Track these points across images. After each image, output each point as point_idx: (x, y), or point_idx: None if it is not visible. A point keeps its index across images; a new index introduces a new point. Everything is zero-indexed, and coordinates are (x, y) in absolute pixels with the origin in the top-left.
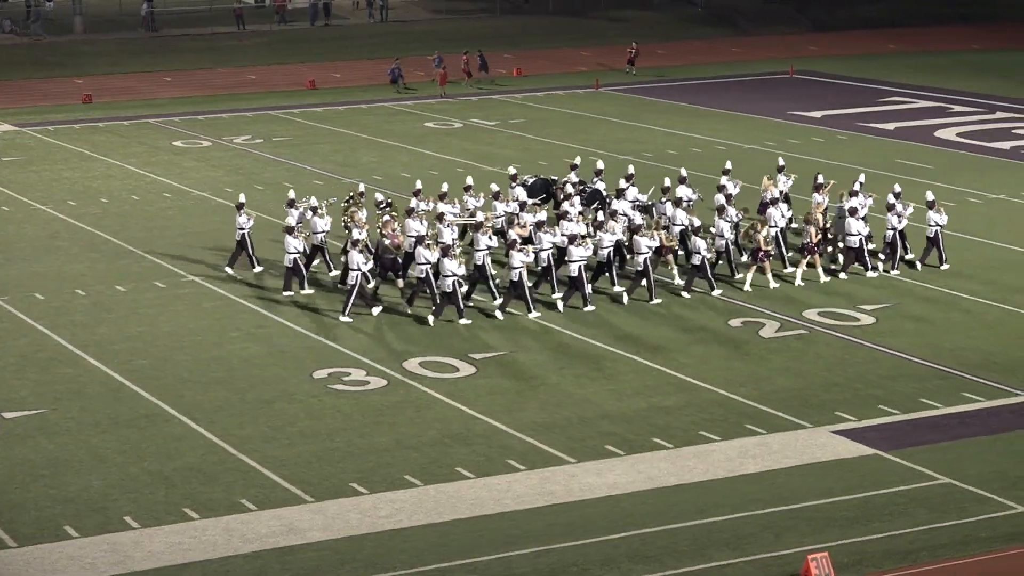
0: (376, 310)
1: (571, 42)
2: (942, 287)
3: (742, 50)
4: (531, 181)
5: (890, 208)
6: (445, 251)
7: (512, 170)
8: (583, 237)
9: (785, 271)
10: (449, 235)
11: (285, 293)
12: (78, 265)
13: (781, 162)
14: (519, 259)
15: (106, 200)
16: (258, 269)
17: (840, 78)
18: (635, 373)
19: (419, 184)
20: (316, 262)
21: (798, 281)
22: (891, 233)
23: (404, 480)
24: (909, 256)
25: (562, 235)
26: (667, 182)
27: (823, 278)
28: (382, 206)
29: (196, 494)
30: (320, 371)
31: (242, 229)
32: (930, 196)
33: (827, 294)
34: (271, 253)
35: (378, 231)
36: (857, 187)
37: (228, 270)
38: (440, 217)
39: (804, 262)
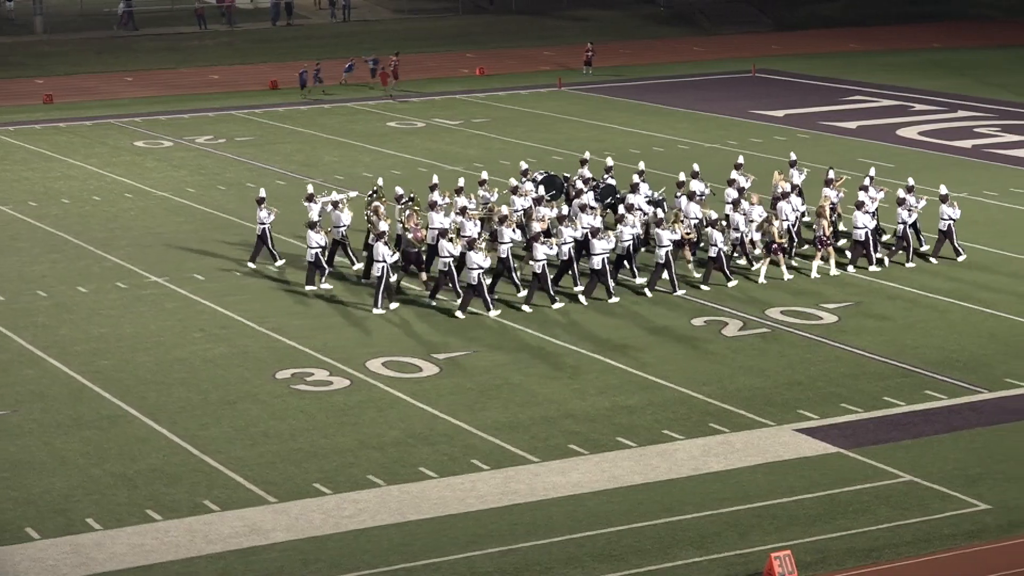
0: (393, 306)
1: (534, 41)
2: (905, 285)
3: (704, 49)
4: (541, 177)
5: (900, 202)
6: (471, 244)
7: (524, 165)
8: (605, 229)
9: (791, 264)
10: (472, 228)
11: (308, 288)
12: (39, 266)
13: (793, 156)
14: (542, 251)
15: (67, 201)
16: (280, 263)
17: (802, 77)
18: (598, 372)
19: (435, 179)
20: (338, 257)
21: (814, 274)
22: (901, 227)
23: (367, 480)
24: (924, 248)
25: (583, 228)
26: (682, 176)
27: (833, 271)
28: (404, 200)
29: (159, 495)
30: (283, 371)
31: (263, 223)
32: (943, 190)
33: (790, 293)
34: (234, 252)
35: (401, 225)
36: (868, 181)
37: (251, 264)
38: (463, 211)
39: (819, 255)
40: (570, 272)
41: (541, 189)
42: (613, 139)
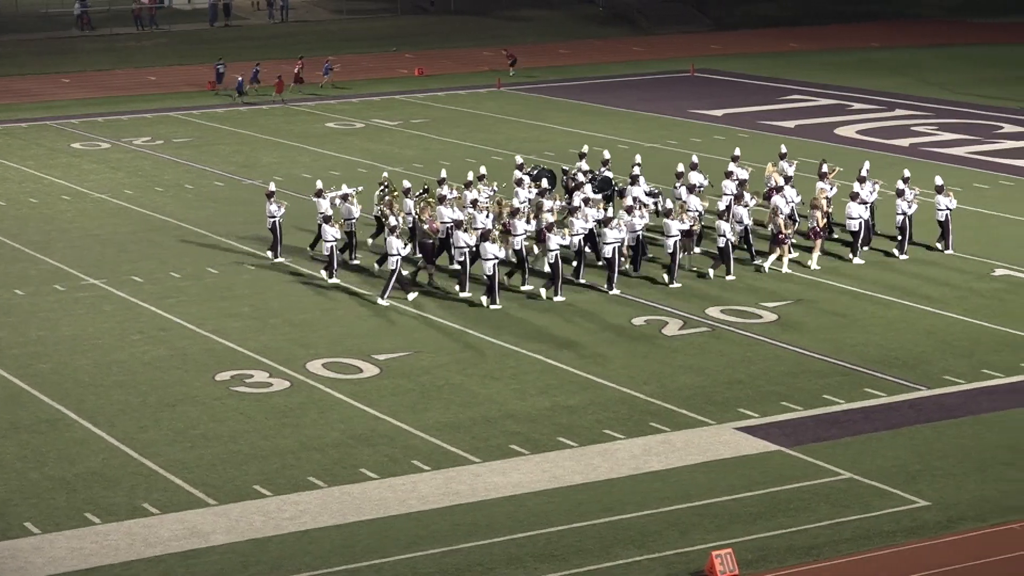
0: (412, 295)
1: (473, 42)
2: (844, 284)
3: (643, 49)
4: (536, 171)
5: (899, 194)
6: (485, 235)
7: (519, 159)
8: (615, 219)
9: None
10: (486, 220)
11: (331, 280)
12: None
13: (783, 149)
14: (555, 242)
15: (3, 203)
16: (279, 259)
17: (741, 76)
18: (539, 372)
19: (444, 172)
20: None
21: (814, 265)
22: (901, 218)
23: (308, 482)
24: (916, 241)
25: (594, 220)
26: (680, 167)
27: (814, 264)
28: (419, 193)
29: (98, 499)
30: (223, 373)
31: (272, 217)
32: (939, 180)
33: (730, 291)
34: (173, 254)
35: (415, 217)
36: (864, 173)
37: (277, 260)
38: (474, 203)
39: (818, 246)
40: (580, 262)
41: (545, 183)
42: (553, 139)
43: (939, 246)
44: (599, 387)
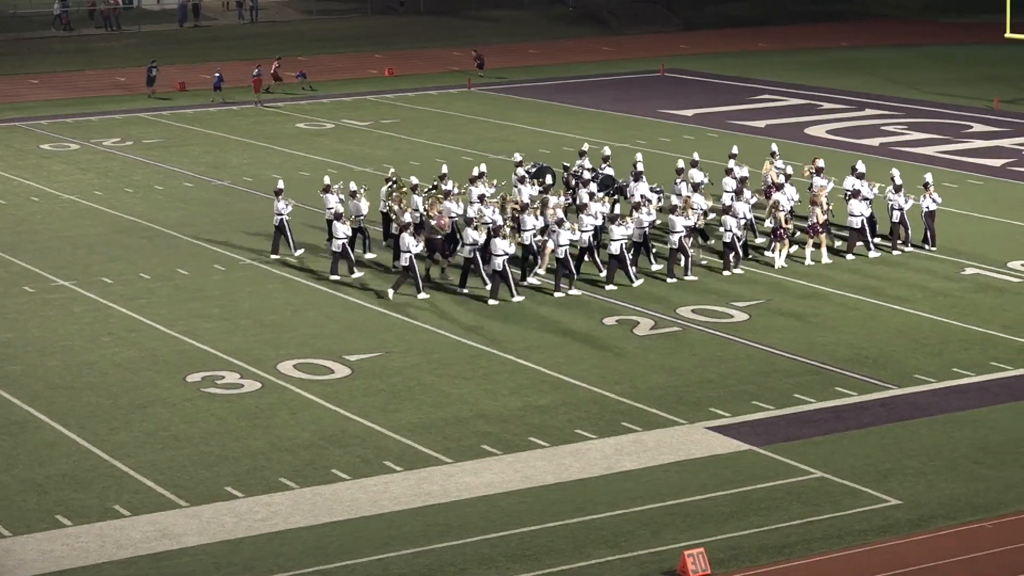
0: (423, 295)
1: (443, 42)
2: (814, 283)
3: (613, 49)
4: (534, 169)
5: (898, 189)
6: (496, 231)
7: (518, 157)
8: (622, 216)
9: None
10: (494, 215)
11: (332, 277)
12: None
13: (774, 147)
14: (565, 236)
15: None
16: (299, 252)
17: (711, 76)
18: (510, 372)
19: (445, 168)
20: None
21: (808, 261)
22: (898, 214)
23: (280, 483)
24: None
25: (601, 215)
26: (680, 163)
27: (825, 259)
28: (428, 189)
29: (69, 501)
30: (193, 374)
31: (280, 215)
32: (928, 178)
33: (700, 292)
34: (142, 255)
35: (424, 213)
36: (863, 170)
37: (272, 256)
38: (481, 199)
39: (811, 242)
40: (588, 258)
41: (549, 179)
42: (523, 139)
43: (925, 245)
44: (571, 387)
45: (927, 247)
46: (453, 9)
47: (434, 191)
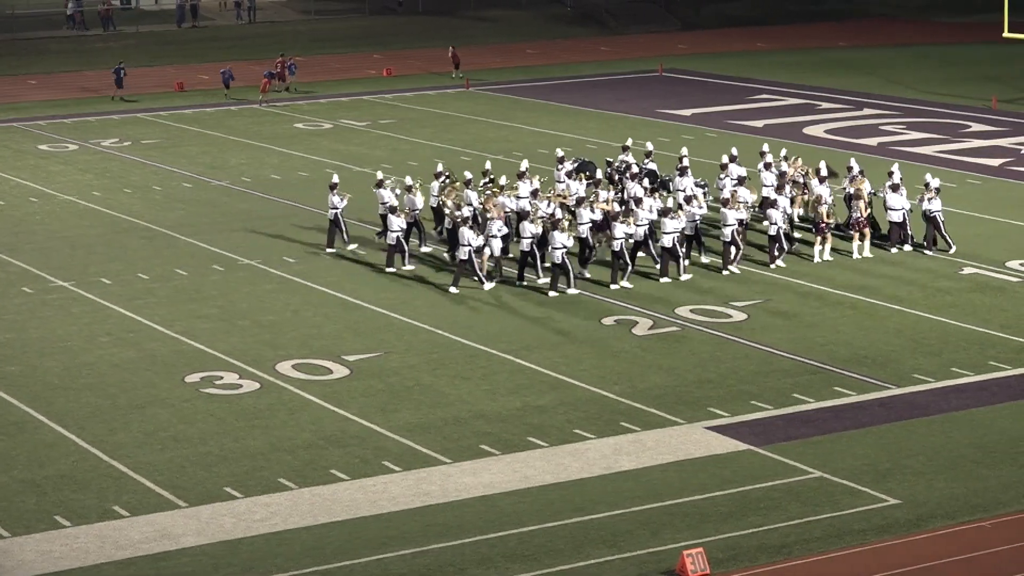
0: (488, 285)
1: (441, 42)
2: (812, 282)
3: (611, 49)
4: (575, 164)
5: (895, 189)
6: (555, 224)
7: (560, 152)
8: (675, 210)
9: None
10: (549, 209)
11: (388, 269)
12: None
13: (766, 147)
14: (621, 230)
15: None
16: (352, 246)
17: (709, 76)
18: (509, 372)
19: (488, 164)
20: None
21: (856, 255)
22: (898, 214)
23: (279, 483)
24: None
25: (654, 209)
26: (724, 159)
27: (867, 252)
28: (483, 183)
29: (68, 501)
30: (192, 375)
31: (335, 208)
32: (934, 181)
33: (699, 292)
34: (140, 256)
35: (480, 207)
36: (896, 168)
37: (328, 250)
38: (534, 194)
39: (857, 236)
40: (647, 251)
41: (599, 174)
42: (522, 139)
43: (934, 246)
44: (569, 387)
45: (926, 250)
46: (451, 9)
47: (490, 185)
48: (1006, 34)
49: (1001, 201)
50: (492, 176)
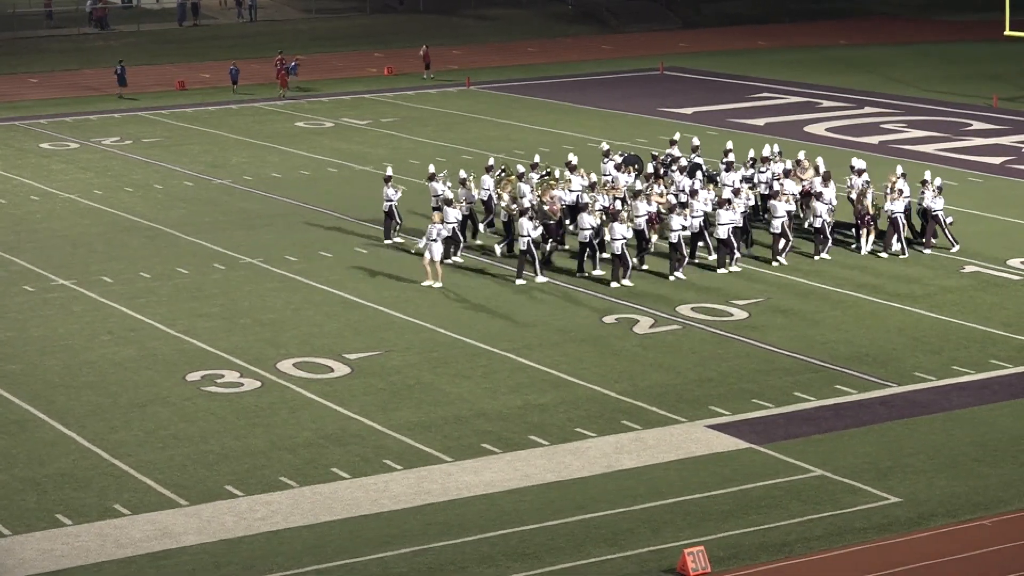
0: (542, 279)
1: (442, 41)
2: (813, 281)
3: (612, 47)
4: (622, 158)
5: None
6: (614, 216)
7: (605, 146)
8: (729, 202)
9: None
10: (606, 201)
11: (445, 261)
12: None
13: (766, 150)
14: (678, 222)
15: None
16: (389, 242)
17: (710, 74)
18: (510, 371)
19: (537, 157)
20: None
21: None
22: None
23: (280, 482)
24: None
25: (709, 201)
26: (766, 151)
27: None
28: (541, 175)
29: (68, 500)
30: (193, 373)
31: (390, 200)
32: (933, 178)
33: (700, 290)
34: (142, 255)
35: (537, 198)
36: (900, 170)
37: (387, 242)
38: (592, 186)
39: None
40: (703, 243)
41: (649, 167)
42: (523, 137)
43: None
44: (570, 385)
45: (925, 248)
46: (452, 8)
47: (547, 177)
48: (1007, 32)
49: (1002, 199)
50: (549, 169)
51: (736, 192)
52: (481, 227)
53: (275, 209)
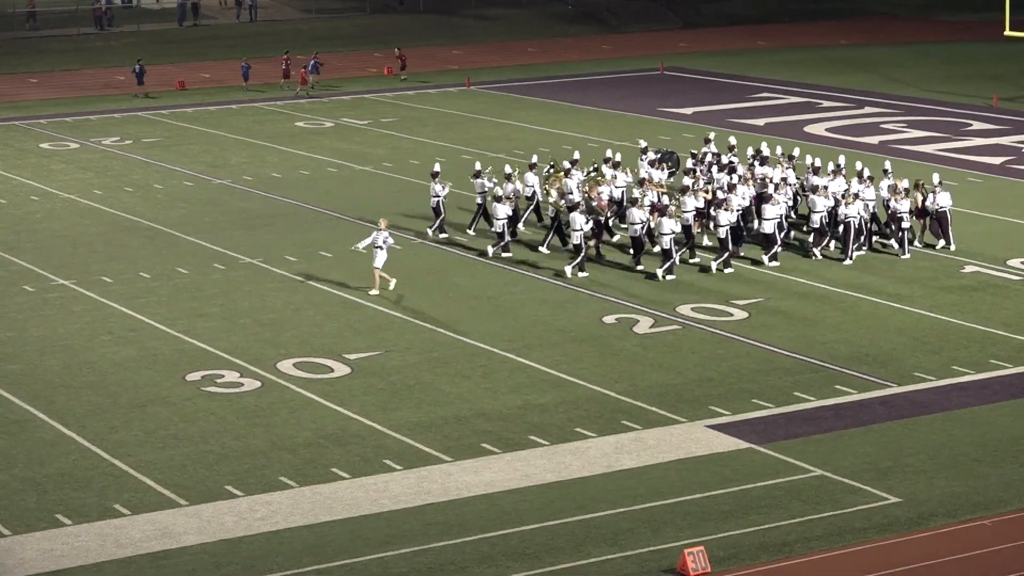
0: (582, 274)
1: (442, 40)
2: (813, 281)
3: (612, 47)
4: (658, 155)
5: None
6: (663, 211)
7: (642, 143)
8: (774, 196)
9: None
10: (655, 196)
11: (505, 255)
12: None
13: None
14: (725, 218)
15: None
16: (443, 235)
17: (710, 74)
18: (510, 371)
19: (577, 155)
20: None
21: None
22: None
23: (280, 482)
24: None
25: (747, 196)
26: (796, 151)
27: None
28: (588, 171)
29: (68, 500)
30: (193, 374)
31: (437, 196)
32: (937, 181)
33: (700, 290)
34: (142, 254)
35: (585, 194)
36: (889, 167)
37: (431, 236)
38: (642, 182)
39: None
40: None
41: (689, 162)
42: (524, 137)
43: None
44: (570, 385)
45: (916, 243)
46: (452, 7)
47: (595, 174)
48: (1007, 32)
49: (1002, 199)
50: (596, 165)
51: (777, 187)
52: (521, 225)
53: (275, 209)
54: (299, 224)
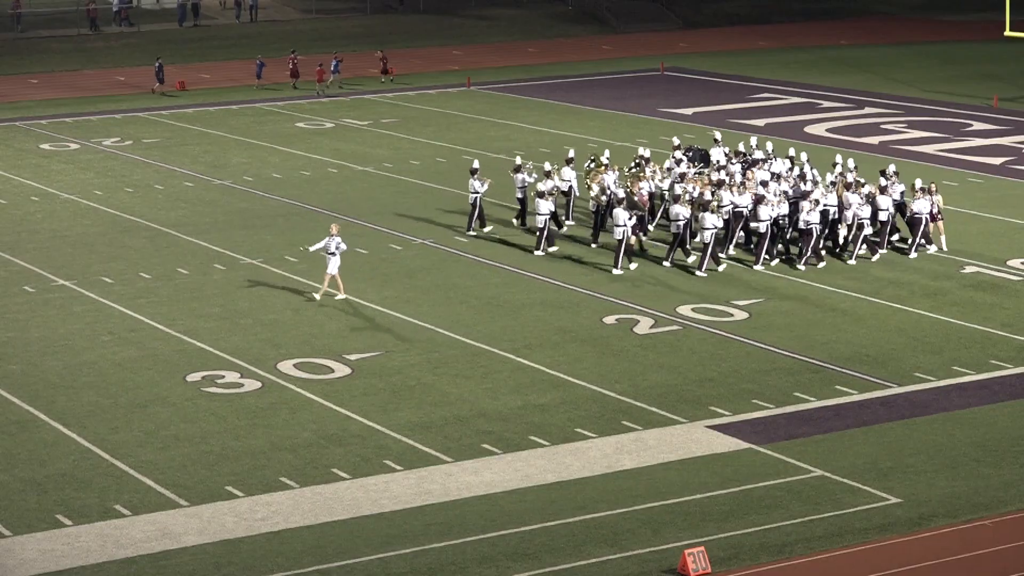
0: (632, 266)
1: (442, 41)
2: (813, 281)
3: (613, 47)
4: (691, 152)
5: (883, 190)
6: (705, 206)
7: (676, 140)
8: (810, 196)
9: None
10: (696, 192)
11: (537, 252)
12: None
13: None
14: (766, 213)
15: None
16: (488, 228)
17: (710, 75)
18: (510, 371)
19: (607, 153)
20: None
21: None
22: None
23: (280, 482)
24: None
25: (786, 194)
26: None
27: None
28: (630, 167)
29: (69, 500)
30: (193, 374)
31: (476, 193)
32: (919, 183)
33: (700, 291)
34: (143, 255)
35: (626, 189)
36: (892, 169)
37: (470, 233)
38: (682, 177)
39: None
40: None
41: (717, 158)
42: (523, 138)
43: (931, 247)
44: (571, 386)
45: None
46: (452, 8)
47: (636, 169)
48: (1007, 32)
49: (1002, 200)
50: (638, 160)
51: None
52: (568, 219)
53: (275, 209)
54: (299, 224)
